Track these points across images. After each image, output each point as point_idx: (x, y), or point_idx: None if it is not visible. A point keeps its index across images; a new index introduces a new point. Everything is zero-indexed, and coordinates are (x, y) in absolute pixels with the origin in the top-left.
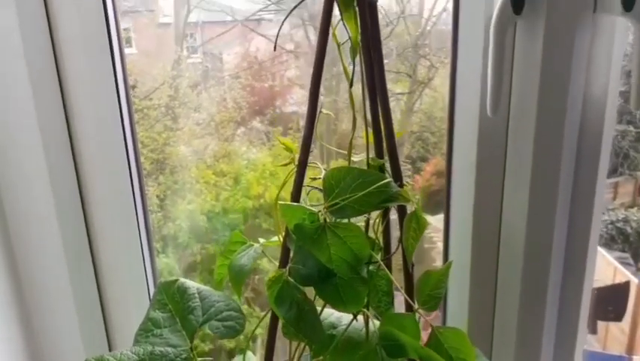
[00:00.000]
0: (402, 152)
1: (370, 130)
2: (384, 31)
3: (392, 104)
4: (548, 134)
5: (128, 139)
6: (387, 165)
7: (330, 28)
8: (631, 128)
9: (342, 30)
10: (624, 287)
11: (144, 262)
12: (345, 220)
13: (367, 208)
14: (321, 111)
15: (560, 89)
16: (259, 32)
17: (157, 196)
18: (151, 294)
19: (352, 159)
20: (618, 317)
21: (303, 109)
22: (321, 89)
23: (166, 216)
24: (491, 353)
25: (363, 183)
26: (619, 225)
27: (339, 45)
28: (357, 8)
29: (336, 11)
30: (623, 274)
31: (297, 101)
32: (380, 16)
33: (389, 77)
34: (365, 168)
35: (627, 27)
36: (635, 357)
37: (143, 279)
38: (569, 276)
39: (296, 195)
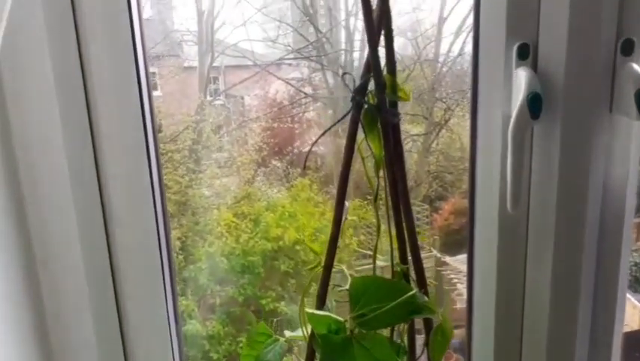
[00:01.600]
0: (420, 192)
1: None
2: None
3: (409, 145)
4: (568, 231)
5: (155, 183)
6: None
7: (356, 145)
8: None
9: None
10: None
11: (167, 305)
12: (372, 331)
13: (393, 321)
14: (346, 218)
15: (580, 188)
16: (279, 76)
17: (178, 239)
18: (173, 338)
19: (378, 262)
20: None
21: (322, 148)
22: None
23: (187, 259)
24: None
25: (389, 294)
26: None
27: (363, 159)
28: (380, 128)
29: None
30: None
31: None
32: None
33: (405, 118)
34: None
35: None
36: None
37: (165, 322)
38: (598, 328)
39: (322, 299)
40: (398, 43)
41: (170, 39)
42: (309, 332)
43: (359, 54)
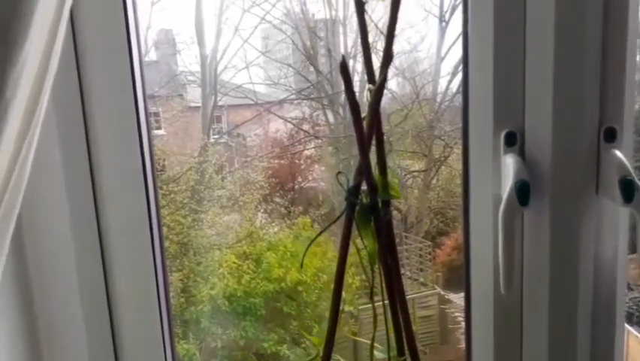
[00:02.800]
0: (421, 228)
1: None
2: (399, 115)
3: (409, 181)
4: (562, 311)
5: (153, 225)
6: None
7: (351, 239)
8: None
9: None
10: None
11: (165, 351)
12: None
13: None
14: (343, 310)
15: (571, 269)
16: (281, 116)
17: (180, 280)
18: None
19: (376, 353)
20: None
21: (322, 184)
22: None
23: (188, 300)
24: None
25: None
26: None
27: (359, 251)
28: (373, 226)
29: None
30: None
31: (315, 178)
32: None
33: (405, 155)
34: None
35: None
36: None
37: None
38: None
39: None
40: (397, 82)
41: (174, 81)
42: None
43: (359, 95)
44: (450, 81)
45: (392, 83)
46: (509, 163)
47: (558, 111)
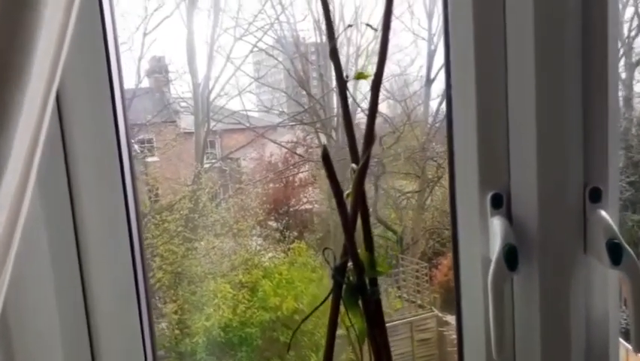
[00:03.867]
0: (417, 249)
1: None
2: (391, 137)
3: (403, 202)
4: None
5: (137, 260)
6: None
7: (339, 317)
8: None
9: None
10: None
11: None
12: None
13: None
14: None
15: (562, 330)
16: (275, 140)
17: (175, 312)
18: None
19: None
20: None
21: (317, 207)
22: None
23: (183, 332)
24: None
25: None
26: None
27: (348, 328)
28: (361, 304)
29: None
30: None
31: (310, 200)
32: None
33: (399, 176)
34: None
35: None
36: None
37: None
38: None
39: None
40: (388, 104)
41: (167, 109)
42: None
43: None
44: (440, 103)
45: (383, 106)
46: (496, 226)
47: (542, 172)
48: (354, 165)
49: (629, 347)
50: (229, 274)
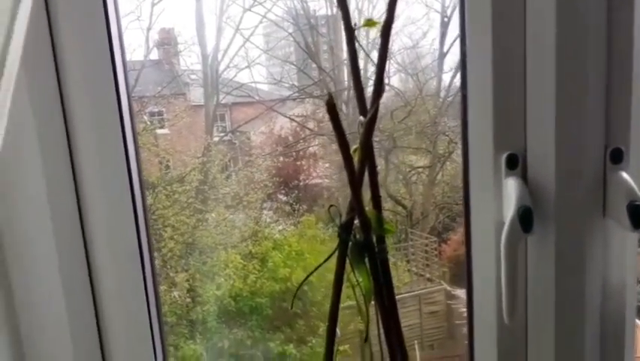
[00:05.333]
0: (427, 223)
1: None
2: (403, 111)
3: (414, 177)
4: (568, 340)
5: (141, 229)
6: None
7: (345, 276)
8: None
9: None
10: None
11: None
12: None
13: None
14: (338, 349)
15: (577, 296)
16: (284, 113)
17: (187, 281)
18: None
19: None
20: None
21: (326, 181)
22: None
23: (195, 300)
24: None
25: None
26: None
27: (353, 287)
28: (367, 263)
29: None
30: None
31: (320, 175)
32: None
33: (410, 151)
34: None
35: None
36: None
37: None
38: None
39: None
40: (400, 78)
41: (176, 81)
42: None
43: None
44: (453, 77)
45: (395, 80)
46: (511, 187)
47: (561, 132)
48: (362, 118)
49: None
50: (239, 245)
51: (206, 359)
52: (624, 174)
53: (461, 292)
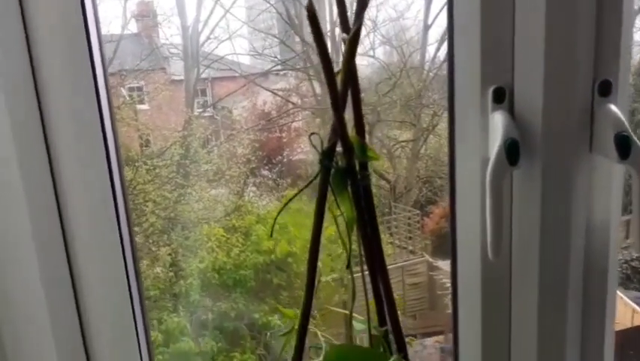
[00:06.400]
0: (410, 197)
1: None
2: (387, 84)
3: (397, 151)
4: (553, 275)
5: (119, 202)
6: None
7: (327, 206)
8: None
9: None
10: None
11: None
12: None
13: None
14: (319, 280)
15: (562, 232)
16: (267, 87)
17: (169, 255)
18: None
19: (355, 325)
20: None
21: (310, 156)
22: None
23: (177, 274)
24: None
25: None
26: (634, 264)
27: (336, 219)
28: (350, 190)
29: None
30: None
31: (304, 150)
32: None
33: (394, 125)
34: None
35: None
36: None
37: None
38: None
39: None
40: (384, 50)
41: (155, 54)
42: None
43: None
44: (437, 49)
45: (379, 52)
46: (497, 121)
47: (549, 64)
48: (344, 35)
49: (636, 306)
50: (222, 219)
51: (191, 332)
52: (612, 106)
53: (443, 264)
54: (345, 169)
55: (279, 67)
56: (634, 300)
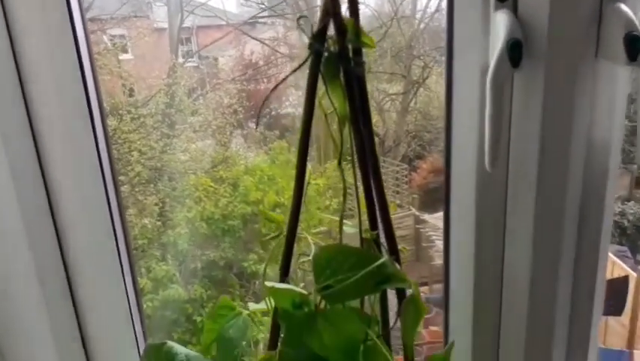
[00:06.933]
0: (398, 151)
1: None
2: (377, 33)
3: (387, 105)
4: (551, 185)
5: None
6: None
7: (316, 98)
8: (626, 122)
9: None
10: (623, 281)
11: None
12: (339, 305)
13: (362, 292)
14: (309, 182)
15: (563, 140)
16: (254, 36)
17: (156, 204)
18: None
19: (345, 229)
20: (618, 311)
21: (299, 110)
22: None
23: (165, 224)
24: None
25: (357, 263)
26: (616, 218)
27: (326, 115)
28: (343, 80)
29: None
30: (622, 268)
31: (292, 103)
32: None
33: (383, 77)
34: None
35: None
36: (636, 351)
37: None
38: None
39: (285, 270)
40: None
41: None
42: (273, 304)
43: None
44: None
45: (370, 1)
46: (500, 21)
47: None
48: None
49: (616, 259)
50: (210, 171)
51: (180, 281)
52: (623, 6)
53: (429, 218)
54: (337, 54)
55: (266, 13)
56: (615, 253)
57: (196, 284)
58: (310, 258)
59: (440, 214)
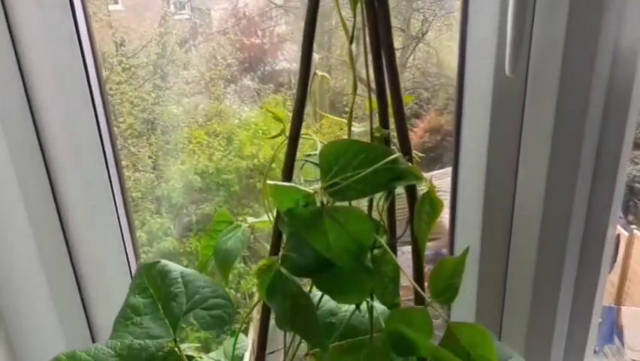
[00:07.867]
0: None
1: (373, 95)
2: None
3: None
4: (572, 94)
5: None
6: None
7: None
8: None
9: None
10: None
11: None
12: (346, 203)
13: (372, 189)
14: (315, 73)
15: (589, 41)
16: None
17: (149, 157)
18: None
19: (353, 129)
20: (609, 269)
21: (295, 65)
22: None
23: (159, 177)
24: (502, 317)
25: (367, 159)
26: None
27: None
28: None
29: None
30: None
31: (287, 58)
32: None
33: None
34: (368, 140)
35: None
36: (623, 308)
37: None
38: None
39: (288, 173)
40: None
41: None
42: (275, 214)
43: None
44: None
45: None
46: None
47: None
48: None
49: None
50: (204, 124)
51: (174, 233)
52: None
53: (427, 175)
54: None
55: None
56: None
57: (191, 237)
58: (317, 153)
59: (436, 172)
